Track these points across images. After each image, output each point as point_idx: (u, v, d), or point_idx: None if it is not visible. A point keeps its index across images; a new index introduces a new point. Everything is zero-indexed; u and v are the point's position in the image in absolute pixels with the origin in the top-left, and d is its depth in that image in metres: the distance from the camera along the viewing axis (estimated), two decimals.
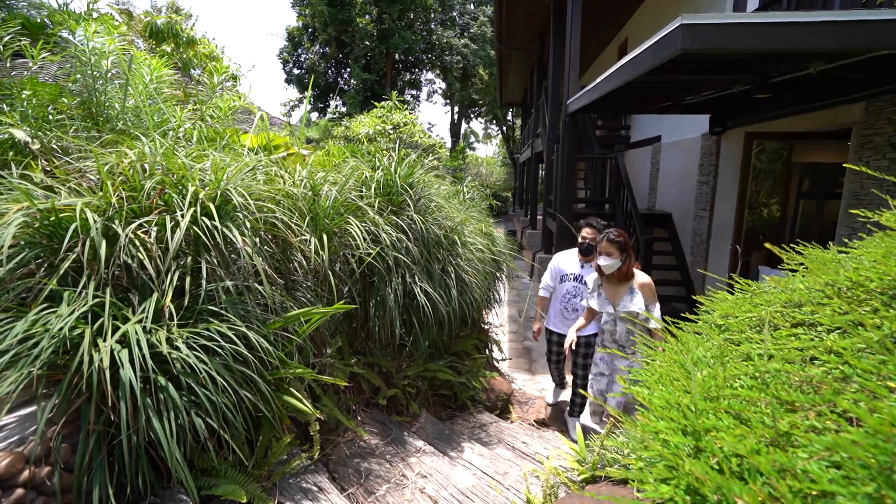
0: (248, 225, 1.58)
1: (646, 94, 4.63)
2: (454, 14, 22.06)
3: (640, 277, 2.72)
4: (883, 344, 0.86)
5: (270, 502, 1.55)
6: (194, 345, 1.32)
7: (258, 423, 1.71)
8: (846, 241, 1.37)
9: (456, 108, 28.10)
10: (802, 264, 1.33)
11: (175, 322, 1.31)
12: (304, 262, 1.99)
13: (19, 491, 1.08)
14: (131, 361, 1.13)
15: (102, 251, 1.29)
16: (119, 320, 1.27)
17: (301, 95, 23.88)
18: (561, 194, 6.89)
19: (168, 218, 1.44)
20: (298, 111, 24.81)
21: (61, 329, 1.09)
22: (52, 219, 1.34)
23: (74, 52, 2.48)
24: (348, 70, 21.17)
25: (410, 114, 10.03)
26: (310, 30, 20.92)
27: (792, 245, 1.35)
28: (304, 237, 1.96)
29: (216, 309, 1.46)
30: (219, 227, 1.46)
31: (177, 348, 1.26)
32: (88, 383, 1.13)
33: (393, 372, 2.99)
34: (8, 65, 2.53)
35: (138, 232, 1.43)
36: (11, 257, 1.24)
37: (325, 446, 2.27)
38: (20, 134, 1.74)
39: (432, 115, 46.42)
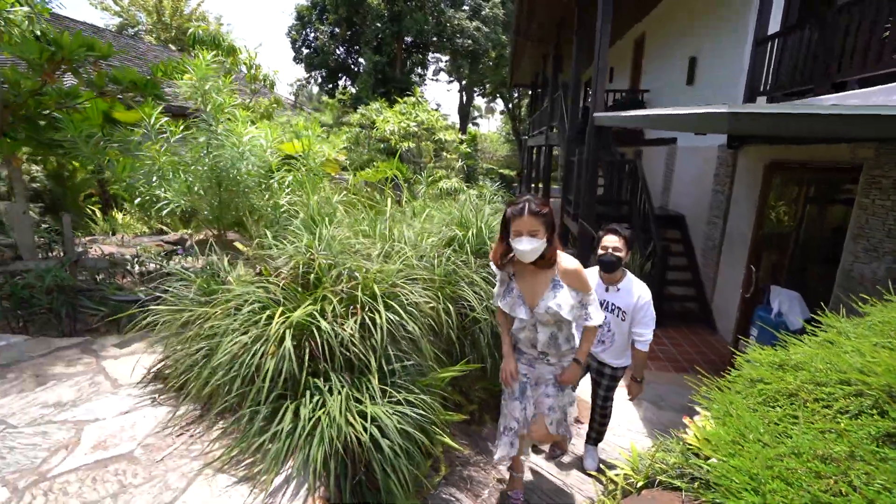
0: (415, 313, 2.12)
1: None
2: None
3: (565, 262, 1.99)
4: (873, 438, 1.42)
5: None
6: (399, 411, 1.88)
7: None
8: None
9: (464, 84, 27.91)
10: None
11: (386, 399, 1.86)
12: (433, 324, 2.53)
13: None
14: (383, 434, 1.69)
15: (336, 349, 1.83)
16: (350, 399, 1.83)
17: (308, 75, 23.70)
18: (584, 200, 7.31)
19: (366, 317, 1.97)
20: (305, 91, 24.66)
21: (335, 418, 1.65)
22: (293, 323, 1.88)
23: (211, 134, 2.93)
24: (357, 49, 21.00)
25: (435, 110, 10.32)
26: (318, 8, 20.63)
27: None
28: (431, 304, 2.50)
29: (401, 382, 2.02)
30: (404, 321, 2.00)
31: (390, 417, 1.83)
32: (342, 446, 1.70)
33: (469, 388, 3.59)
34: (154, 138, 2.97)
35: (344, 327, 1.96)
36: (283, 357, 1.78)
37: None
38: (240, 246, 2.24)
39: (437, 92, 46.00)
